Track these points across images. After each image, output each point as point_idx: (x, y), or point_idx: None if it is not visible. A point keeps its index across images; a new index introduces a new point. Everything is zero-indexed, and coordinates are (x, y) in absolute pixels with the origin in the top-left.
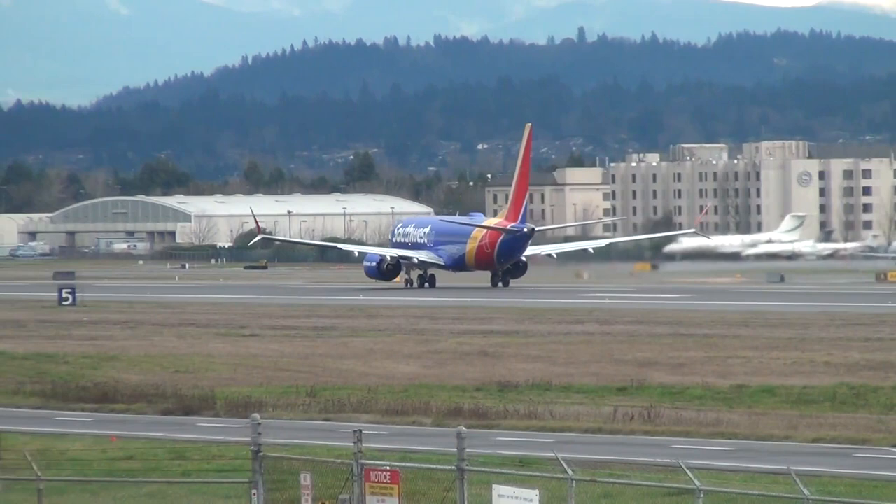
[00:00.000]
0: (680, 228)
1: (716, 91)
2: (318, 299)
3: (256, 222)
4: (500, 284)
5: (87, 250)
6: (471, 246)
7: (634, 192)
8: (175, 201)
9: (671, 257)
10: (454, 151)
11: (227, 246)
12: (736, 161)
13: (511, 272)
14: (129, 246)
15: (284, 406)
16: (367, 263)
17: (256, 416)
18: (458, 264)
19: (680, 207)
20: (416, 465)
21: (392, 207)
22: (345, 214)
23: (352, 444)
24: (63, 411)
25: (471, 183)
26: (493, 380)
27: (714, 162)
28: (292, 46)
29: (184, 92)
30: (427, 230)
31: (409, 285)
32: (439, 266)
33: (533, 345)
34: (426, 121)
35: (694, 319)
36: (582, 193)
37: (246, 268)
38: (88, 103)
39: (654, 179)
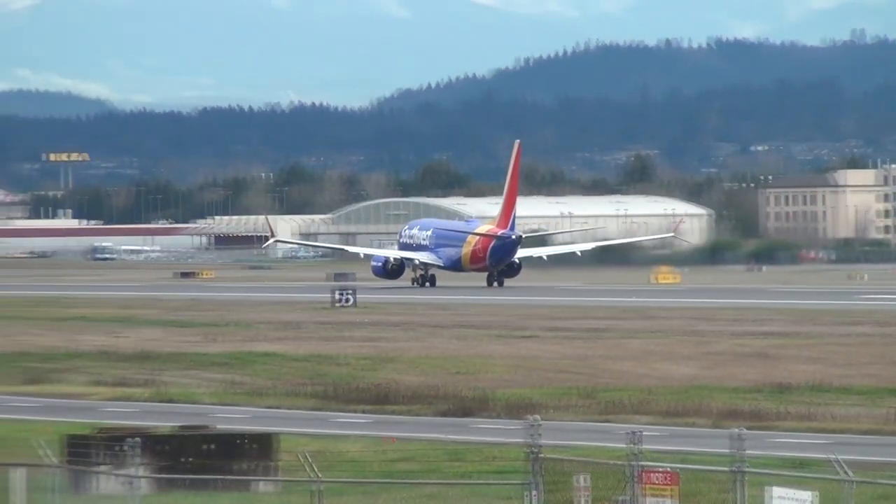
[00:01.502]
0: None
1: None
2: (593, 301)
3: (271, 227)
4: (494, 284)
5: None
6: (466, 250)
7: None
8: (452, 203)
9: None
10: (731, 153)
11: None
12: None
13: (506, 272)
14: None
15: (561, 407)
16: (374, 263)
17: (535, 417)
18: (455, 266)
19: None
20: (693, 466)
21: (672, 209)
22: (621, 216)
23: (629, 446)
24: (341, 413)
25: (749, 185)
26: (770, 381)
27: None
28: (570, 48)
29: (461, 93)
30: (429, 233)
31: (415, 284)
32: (439, 267)
33: (810, 346)
34: (703, 122)
35: None
36: (858, 196)
37: None
38: (367, 105)
39: None
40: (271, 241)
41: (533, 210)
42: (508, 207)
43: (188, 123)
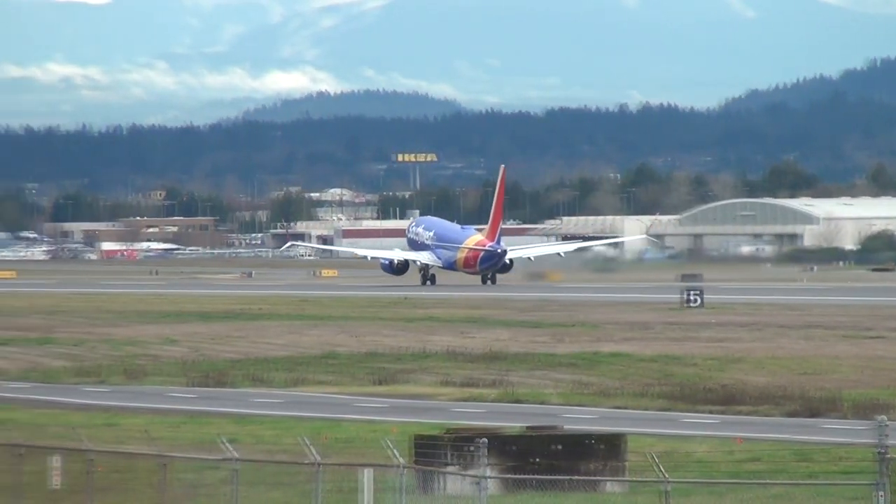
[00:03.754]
0: None
1: None
2: None
3: (286, 232)
4: (488, 282)
5: (713, 253)
6: (460, 255)
7: None
8: (800, 203)
9: None
10: None
11: (852, 248)
12: None
13: (499, 271)
14: (755, 248)
15: None
16: (383, 262)
17: (882, 417)
18: (451, 267)
19: None
20: None
21: None
22: None
23: None
24: (689, 413)
25: None
26: None
27: None
28: None
29: (810, 94)
30: (431, 234)
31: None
32: (438, 267)
33: None
34: None
35: None
36: None
37: (873, 270)
38: (715, 105)
39: None
40: (288, 244)
41: (883, 211)
42: (495, 224)
43: (536, 124)
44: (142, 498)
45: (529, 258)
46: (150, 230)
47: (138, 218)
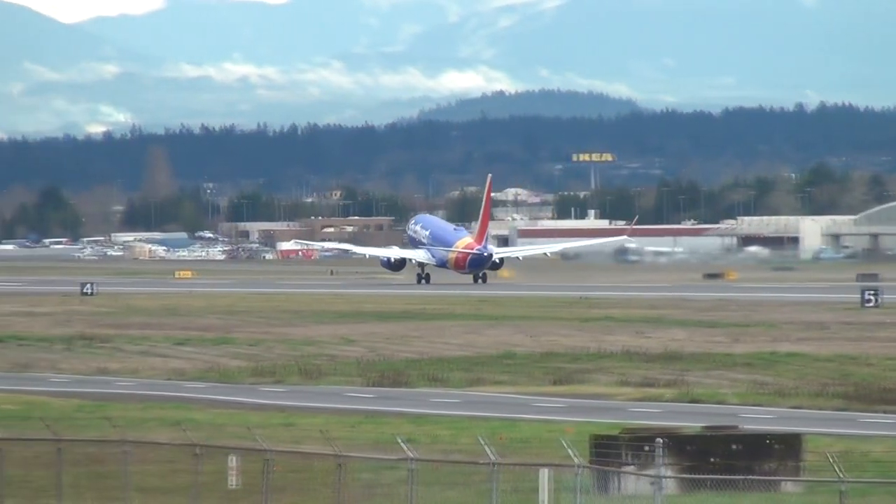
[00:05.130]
0: None
1: None
2: None
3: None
4: (479, 281)
5: (890, 252)
6: (451, 255)
7: None
8: None
9: None
10: None
11: None
12: None
13: (491, 268)
14: None
15: None
16: (382, 259)
17: None
18: (444, 265)
19: None
20: None
21: None
22: None
23: None
24: (865, 413)
25: None
26: None
27: None
28: None
29: None
30: (427, 233)
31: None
32: (432, 265)
33: None
34: None
35: None
36: None
37: None
38: (892, 105)
39: None
40: (290, 242)
41: None
42: (482, 229)
43: (713, 123)
44: (318, 498)
45: (518, 258)
46: (328, 230)
47: (315, 218)
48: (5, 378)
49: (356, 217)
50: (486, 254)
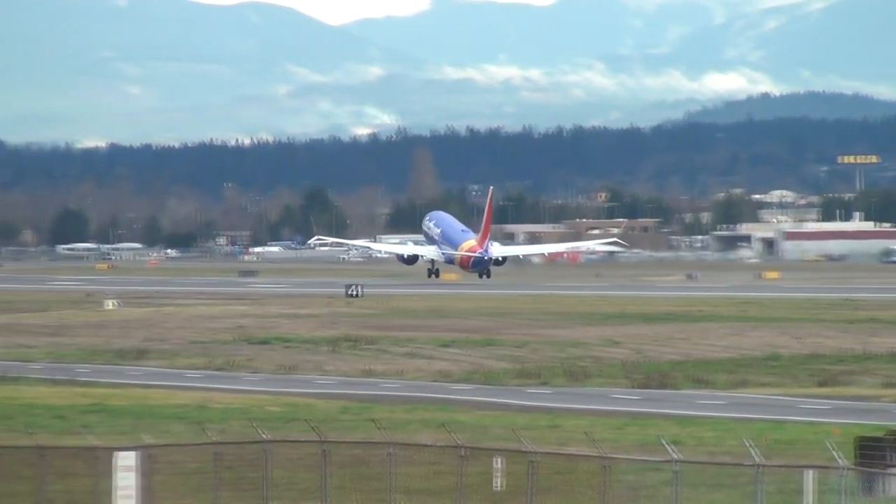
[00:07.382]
0: None
1: None
2: None
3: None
4: (483, 277)
5: None
6: (458, 255)
7: None
8: None
9: None
10: None
11: None
12: None
13: (496, 263)
14: None
15: None
16: (398, 254)
17: None
18: (451, 263)
19: None
20: None
21: None
22: None
23: None
24: None
25: None
26: None
27: None
28: None
29: None
30: (439, 231)
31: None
32: (442, 262)
33: None
34: None
35: None
36: None
37: None
38: None
39: None
40: (314, 239)
41: None
42: (484, 236)
43: None
44: (583, 499)
45: (519, 256)
46: (593, 232)
47: (580, 220)
48: (271, 380)
49: (621, 219)
50: (486, 257)
